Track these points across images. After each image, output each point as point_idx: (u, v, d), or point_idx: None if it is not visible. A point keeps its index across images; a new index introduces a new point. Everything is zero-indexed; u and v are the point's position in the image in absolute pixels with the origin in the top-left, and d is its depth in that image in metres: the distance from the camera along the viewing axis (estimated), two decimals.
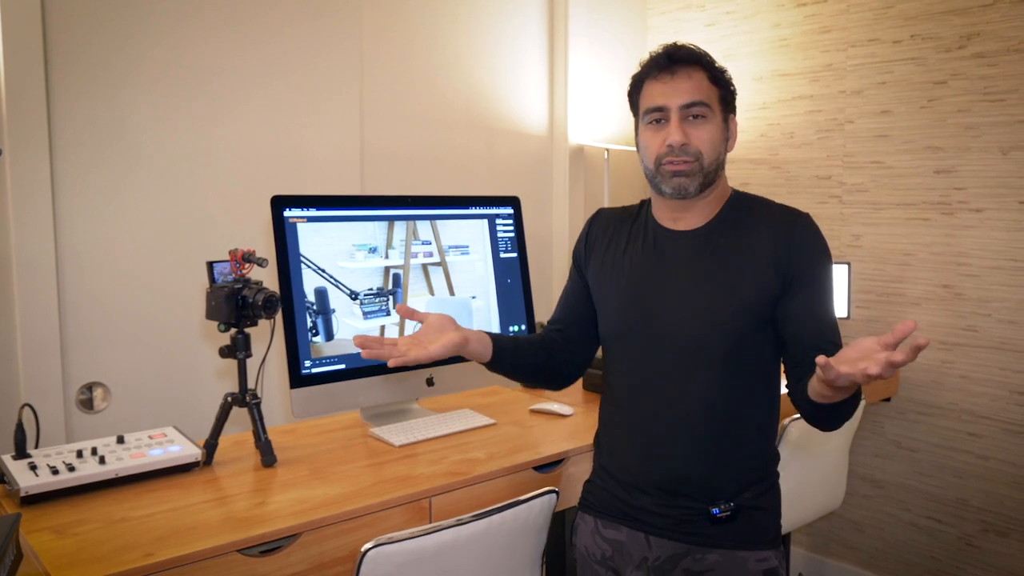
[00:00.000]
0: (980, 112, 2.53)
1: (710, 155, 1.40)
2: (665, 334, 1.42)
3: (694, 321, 1.40)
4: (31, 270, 2.09)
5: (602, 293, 1.52)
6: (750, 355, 1.41)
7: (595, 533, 1.50)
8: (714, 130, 1.41)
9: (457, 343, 1.39)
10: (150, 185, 2.30)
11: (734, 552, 1.40)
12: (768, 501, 1.46)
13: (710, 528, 1.40)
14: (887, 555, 2.86)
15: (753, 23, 3.11)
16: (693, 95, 1.39)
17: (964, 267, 2.61)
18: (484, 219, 2.05)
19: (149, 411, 2.29)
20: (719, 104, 1.42)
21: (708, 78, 1.41)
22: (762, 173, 3.11)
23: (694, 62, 1.41)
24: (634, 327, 1.45)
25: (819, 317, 1.38)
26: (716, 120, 1.41)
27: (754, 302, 1.38)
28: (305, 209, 1.76)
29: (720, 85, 1.42)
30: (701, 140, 1.39)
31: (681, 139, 1.38)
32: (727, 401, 1.40)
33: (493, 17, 3.06)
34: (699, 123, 1.40)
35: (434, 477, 1.59)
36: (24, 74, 2.04)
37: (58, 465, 1.47)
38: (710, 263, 1.42)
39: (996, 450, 2.58)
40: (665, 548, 1.43)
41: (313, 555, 1.39)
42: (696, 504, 1.41)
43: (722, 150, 1.43)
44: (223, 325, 1.63)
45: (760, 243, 1.40)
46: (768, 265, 1.38)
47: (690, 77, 1.39)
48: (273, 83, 2.50)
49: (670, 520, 1.42)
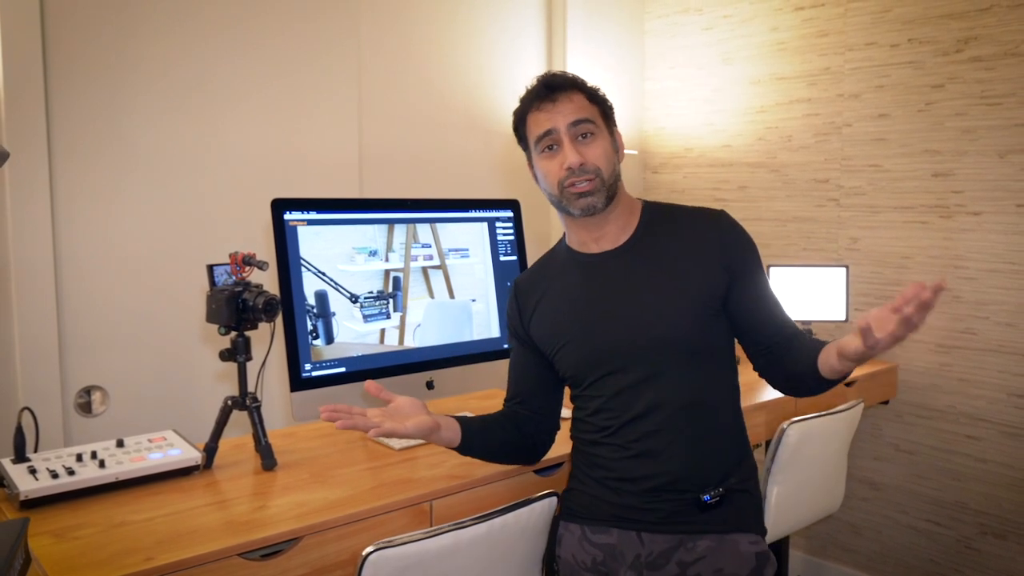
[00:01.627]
0: (977, 116, 2.54)
1: (607, 169, 1.46)
2: (628, 350, 1.45)
3: (653, 329, 1.44)
4: (29, 273, 2.09)
5: (555, 342, 1.53)
6: (710, 346, 1.47)
7: (583, 540, 1.51)
8: (605, 144, 1.47)
9: (430, 427, 1.44)
10: (148, 188, 2.29)
11: (725, 536, 1.44)
12: (751, 484, 1.51)
13: (700, 515, 1.44)
14: (885, 558, 2.86)
15: (751, 27, 3.11)
16: (578, 114, 1.45)
17: (962, 270, 2.61)
18: (484, 222, 2.05)
19: (147, 415, 2.29)
20: (602, 120, 1.49)
21: (586, 98, 1.48)
22: (760, 176, 3.12)
23: (570, 87, 1.48)
24: (595, 354, 1.48)
25: (771, 304, 1.49)
26: (604, 135, 1.48)
27: (704, 297, 1.45)
28: (305, 212, 1.76)
29: (598, 103, 1.49)
30: (596, 156, 1.45)
31: (578, 159, 1.43)
32: (700, 394, 1.46)
33: (491, 21, 3.07)
34: (589, 140, 1.46)
35: (435, 480, 1.58)
36: (23, 76, 2.04)
37: (58, 469, 1.46)
38: (649, 270, 1.47)
39: (994, 453, 2.58)
40: (657, 543, 1.45)
41: (314, 559, 1.39)
42: (686, 495, 1.44)
43: (615, 162, 1.49)
44: (223, 328, 1.63)
45: (692, 243, 1.48)
46: (708, 261, 1.46)
47: (571, 100, 1.46)
48: (271, 86, 2.50)
49: (661, 514, 1.45)
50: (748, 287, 1.47)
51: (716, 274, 1.45)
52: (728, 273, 1.46)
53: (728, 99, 3.20)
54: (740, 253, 1.48)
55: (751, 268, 1.49)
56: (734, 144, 3.19)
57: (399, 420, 1.41)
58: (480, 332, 2.00)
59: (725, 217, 1.52)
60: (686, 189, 3.35)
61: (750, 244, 1.51)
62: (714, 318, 1.46)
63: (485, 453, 1.57)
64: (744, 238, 1.51)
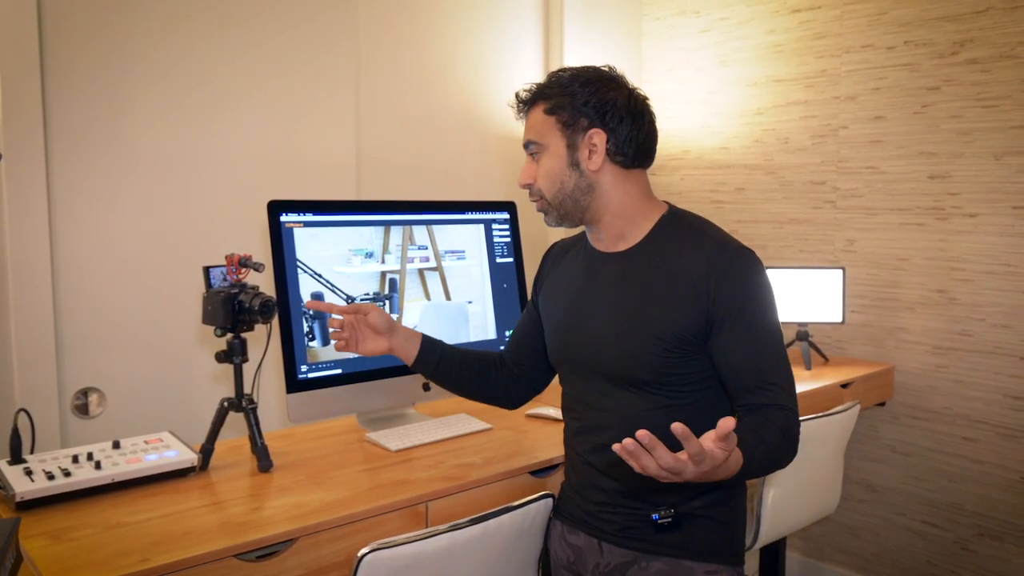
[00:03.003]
0: (973, 118, 2.55)
1: (549, 189, 1.41)
2: (591, 357, 1.43)
3: (612, 348, 1.39)
4: (26, 275, 2.09)
5: (546, 319, 1.56)
6: (675, 379, 1.36)
7: (561, 538, 1.53)
8: (550, 163, 1.39)
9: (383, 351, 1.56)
10: (145, 190, 2.30)
11: (679, 561, 1.40)
12: (723, 514, 1.43)
13: (654, 535, 1.40)
14: (882, 559, 2.86)
15: (748, 29, 3.12)
16: (528, 134, 1.44)
17: (958, 272, 2.62)
18: (480, 224, 2.05)
19: (144, 416, 2.29)
20: (559, 131, 1.38)
21: (544, 110, 1.40)
22: (757, 178, 3.12)
23: (532, 101, 1.43)
24: (568, 350, 1.48)
25: (752, 356, 1.32)
26: (553, 151, 1.39)
27: (673, 333, 1.33)
28: (302, 214, 1.76)
29: (555, 112, 1.38)
30: (540, 177, 1.43)
31: (522, 181, 1.45)
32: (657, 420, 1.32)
33: (489, 23, 3.07)
34: (537, 160, 1.43)
35: (431, 482, 1.59)
36: (20, 78, 2.04)
37: (54, 470, 1.46)
38: (637, 288, 1.39)
39: (990, 454, 2.58)
40: (615, 555, 1.44)
41: (309, 560, 1.39)
42: (638, 511, 1.41)
43: (568, 177, 1.39)
44: (219, 330, 1.63)
45: (690, 273, 1.34)
46: (689, 296, 1.33)
47: (529, 117, 1.44)
48: (269, 88, 2.50)
49: (616, 525, 1.43)
50: (728, 335, 1.33)
51: (694, 315, 1.33)
52: (704, 314, 1.33)
53: (725, 101, 3.20)
54: (727, 298, 1.32)
55: (737, 316, 1.32)
56: (731, 146, 3.19)
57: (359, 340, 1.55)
58: (477, 334, 2.01)
59: (733, 255, 1.34)
60: (683, 191, 3.35)
61: (748, 291, 1.33)
62: (685, 356, 1.35)
63: (448, 385, 1.63)
64: (744, 284, 1.33)
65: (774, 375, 1.33)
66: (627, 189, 1.41)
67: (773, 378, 1.33)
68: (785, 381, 1.34)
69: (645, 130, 1.41)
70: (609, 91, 1.38)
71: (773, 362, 1.34)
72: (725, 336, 1.33)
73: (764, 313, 1.34)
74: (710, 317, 1.33)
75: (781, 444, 1.30)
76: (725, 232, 1.41)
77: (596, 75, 1.40)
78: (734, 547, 1.45)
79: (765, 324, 1.34)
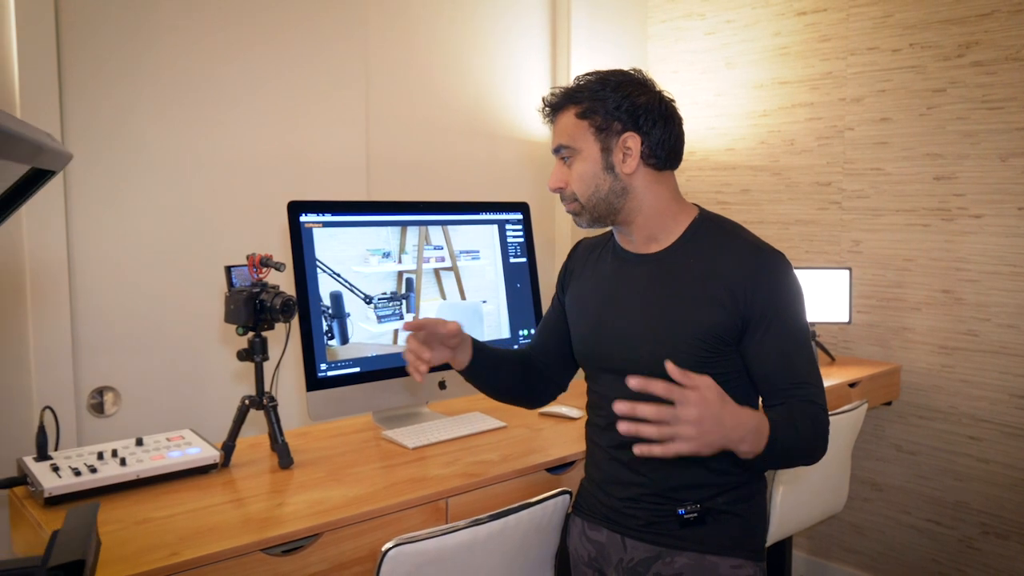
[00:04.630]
0: (979, 120, 2.58)
1: (584, 192, 1.41)
2: (623, 355, 1.43)
3: (645, 346, 1.40)
4: (44, 276, 2.11)
5: (573, 319, 1.55)
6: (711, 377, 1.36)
7: (582, 534, 1.53)
8: (584, 167, 1.40)
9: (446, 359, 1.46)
10: (160, 191, 2.32)
11: (704, 556, 1.41)
12: (745, 509, 1.45)
13: (679, 530, 1.41)
14: (888, 558, 2.88)
15: (753, 31, 3.15)
16: (558, 139, 1.42)
17: (963, 272, 2.64)
18: (494, 224, 2.07)
19: (158, 415, 2.31)
20: (592, 135, 1.39)
21: (576, 114, 1.40)
22: (762, 180, 3.15)
23: (562, 105, 1.43)
24: (599, 348, 1.48)
25: (780, 365, 1.35)
26: (586, 155, 1.40)
27: (705, 335, 1.36)
28: (321, 214, 1.79)
29: (588, 116, 1.39)
30: (573, 181, 1.42)
31: (554, 185, 1.44)
32: None
33: (496, 26, 3.10)
34: (569, 164, 1.43)
35: (450, 478, 1.61)
36: (38, 83, 2.06)
37: (80, 467, 1.48)
38: (669, 290, 1.40)
39: (996, 453, 2.61)
40: (639, 550, 1.45)
41: (334, 555, 1.41)
42: (663, 506, 1.42)
43: (602, 180, 1.40)
44: (241, 328, 1.65)
45: (723, 276, 1.36)
46: (724, 298, 1.35)
47: (559, 121, 1.43)
48: (280, 90, 2.52)
49: (640, 521, 1.44)
50: (761, 337, 1.35)
51: (723, 312, 1.35)
52: (739, 316, 1.35)
53: (730, 103, 3.23)
54: (761, 301, 1.34)
55: (771, 319, 1.35)
56: (737, 148, 3.22)
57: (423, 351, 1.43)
58: (491, 333, 2.03)
59: (767, 258, 1.37)
60: (688, 193, 3.37)
61: (782, 299, 1.36)
62: (715, 358, 1.37)
63: (485, 388, 1.59)
64: (777, 287, 1.36)
65: (807, 375, 1.36)
66: (659, 191, 1.43)
67: (806, 378, 1.36)
68: (817, 381, 1.37)
69: (676, 132, 1.42)
70: (640, 95, 1.39)
71: (805, 363, 1.37)
72: (760, 338, 1.35)
73: (797, 316, 1.37)
74: (745, 319, 1.35)
75: (810, 435, 1.31)
76: (756, 235, 1.43)
77: (626, 79, 1.41)
78: (756, 542, 1.46)
79: (798, 326, 1.37)
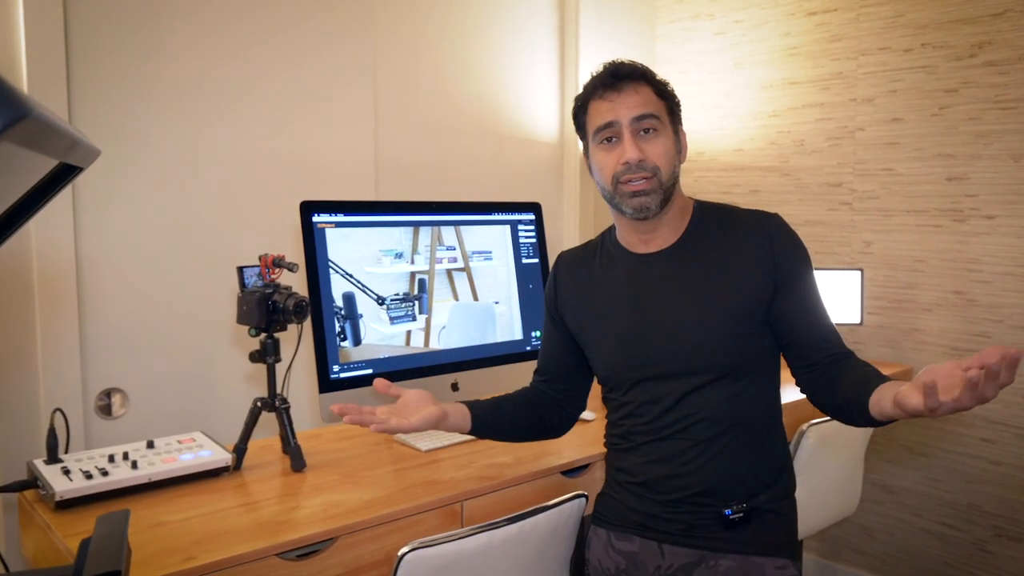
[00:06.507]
0: (991, 120, 2.56)
1: (667, 169, 1.38)
2: (666, 357, 1.41)
3: (693, 337, 1.39)
4: (51, 277, 2.09)
5: (590, 337, 1.50)
6: (751, 359, 1.41)
7: (608, 546, 1.50)
8: (667, 143, 1.39)
9: (437, 416, 1.41)
10: (169, 190, 2.30)
11: (748, 557, 1.38)
12: (785, 507, 1.44)
13: (723, 532, 1.39)
14: (899, 561, 2.87)
15: (763, 32, 3.13)
16: (643, 108, 1.37)
17: (976, 273, 2.63)
18: (507, 225, 2.06)
19: (166, 417, 2.29)
20: (668, 117, 1.42)
21: (654, 92, 1.40)
22: (772, 180, 3.13)
23: (639, 77, 1.39)
24: (637, 357, 1.43)
25: (818, 316, 1.41)
26: (668, 133, 1.40)
27: (746, 308, 1.38)
28: (333, 215, 1.77)
29: (666, 98, 1.42)
30: (656, 154, 1.37)
31: (637, 155, 1.35)
32: (732, 410, 1.39)
33: (504, 27, 3.08)
34: (652, 137, 1.38)
35: (465, 481, 1.59)
36: (46, 82, 2.05)
37: (91, 470, 1.47)
38: (694, 277, 1.41)
39: (1009, 455, 2.59)
40: (678, 556, 1.41)
41: (349, 559, 1.39)
42: (708, 508, 1.39)
43: (676, 163, 1.42)
44: (254, 330, 1.63)
45: (741, 249, 1.40)
46: (755, 269, 1.39)
47: (637, 92, 1.38)
48: (289, 90, 2.51)
49: (681, 525, 1.41)
50: (793, 298, 1.39)
51: (761, 284, 1.38)
52: (774, 283, 1.39)
53: (740, 104, 3.21)
54: (789, 263, 1.40)
55: (800, 278, 1.40)
56: (746, 148, 3.20)
57: (404, 416, 1.38)
58: (503, 334, 2.01)
59: (776, 222, 1.44)
60: (697, 193, 3.36)
61: (801, 252, 1.43)
62: (755, 332, 1.40)
63: (497, 436, 1.56)
64: (794, 246, 1.42)
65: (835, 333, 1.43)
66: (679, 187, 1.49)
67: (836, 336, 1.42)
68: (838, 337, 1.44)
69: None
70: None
71: (830, 321, 1.44)
72: (789, 301, 1.40)
73: (811, 269, 1.45)
74: (776, 280, 1.39)
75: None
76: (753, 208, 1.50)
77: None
78: (795, 541, 1.45)
79: (816, 285, 1.44)
